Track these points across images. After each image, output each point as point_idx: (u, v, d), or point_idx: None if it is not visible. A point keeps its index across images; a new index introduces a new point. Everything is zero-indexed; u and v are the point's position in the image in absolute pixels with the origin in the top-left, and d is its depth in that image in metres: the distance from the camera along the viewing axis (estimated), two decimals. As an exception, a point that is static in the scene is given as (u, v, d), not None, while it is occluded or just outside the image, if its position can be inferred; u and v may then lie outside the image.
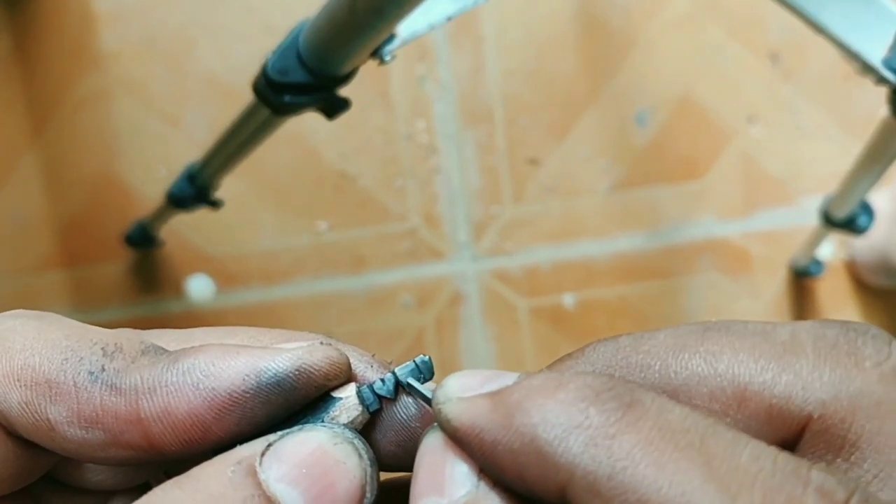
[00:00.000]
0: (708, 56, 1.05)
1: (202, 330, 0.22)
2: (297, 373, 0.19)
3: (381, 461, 0.21)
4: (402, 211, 1.02)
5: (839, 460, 0.17)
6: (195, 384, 0.19)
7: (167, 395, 0.19)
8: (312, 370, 0.19)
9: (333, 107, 0.58)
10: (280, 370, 0.19)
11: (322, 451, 0.18)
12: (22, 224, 0.99)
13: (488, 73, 1.02)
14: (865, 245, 1.02)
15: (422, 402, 0.20)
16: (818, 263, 1.03)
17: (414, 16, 0.51)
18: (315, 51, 0.54)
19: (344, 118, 0.60)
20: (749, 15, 1.04)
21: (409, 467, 0.20)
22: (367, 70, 0.57)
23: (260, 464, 0.18)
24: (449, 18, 0.55)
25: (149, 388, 0.19)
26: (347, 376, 0.20)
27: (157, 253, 1.00)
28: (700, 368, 0.18)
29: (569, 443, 0.16)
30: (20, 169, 0.99)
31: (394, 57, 0.54)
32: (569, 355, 0.19)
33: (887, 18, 0.53)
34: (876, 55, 0.53)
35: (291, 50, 0.56)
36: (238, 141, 0.70)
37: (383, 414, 0.21)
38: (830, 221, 0.88)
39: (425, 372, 0.20)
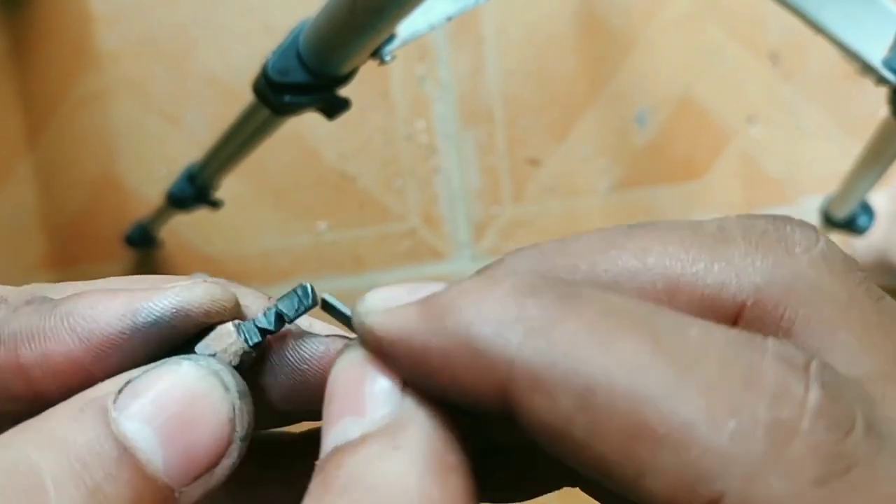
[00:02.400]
0: (708, 56, 1.05)
1: (105, 280, 0.21)
2: (174, 310, 0.19)
3: (278, 408, 0.20)
4: (402, 211, 1.02)
5: None
6: (72, 327, 0.18)
7: (45, 339, 0.18)
8: (191, 307, 0.19)
9: (333, 107, 0.58)
10: (156, 308, 0.19)
11: (182, 384, 0.17)
12: (21, 224, 0.99)
13: (488, 74, 1.02)
14: (865, 245, 1.02)
15: (338, 319, 0.19)
16: (818, 264, 1.02)
17: (414, 16, 0.51)
18: (315, 51, 0.54)
19: (344, 118, 0.60)
20: (749, 15, 1.04)
21: (307, 415, 0.19)
22: (368, 70, 0.57)
23: (115, 401, 0.17)
24: (449, 18, 0.55)
25: (27, 335, 0.18)
26: (234, 314, 0.19)
27: (157, 253, 1.00)
28: (629, 264, 0.17)
29: (506, 336, 0.15)
30: (19, 169, 0.99)
31: (394, 57, 0.54)
32: (486, 266, 0.18)
33: (887, 18, 0.53)
34: (876, 55, 0.53)
35: (291, 50, 0.56)
36: (238, 141, 0.70)
37: (273, 356, 0.20)
38: (830, 222, 0.88)
39: (304, 299, 0.19)
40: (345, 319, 0.19)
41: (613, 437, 0.14)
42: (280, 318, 0.19)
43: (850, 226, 0.85)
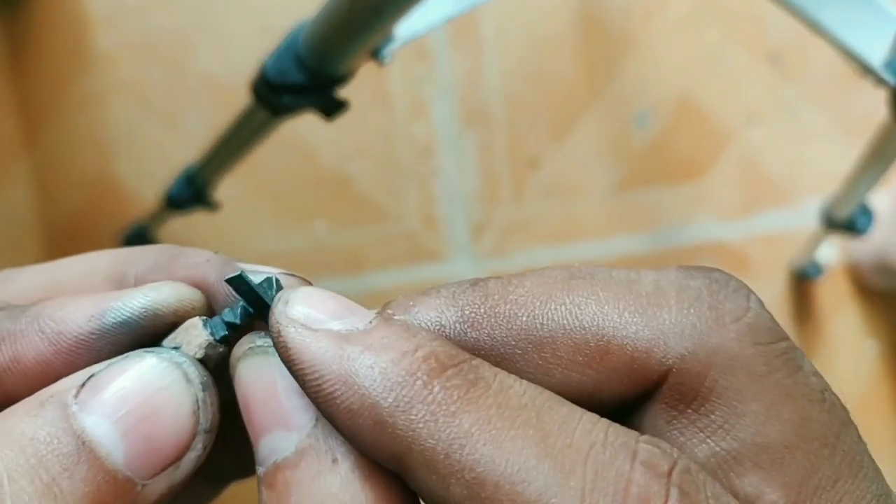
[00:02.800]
0: (708, 57, 1.04)
1: (68, 259, 0.21)
2: (143, 310, 0.19)
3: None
4: (401, 212, 1.01)
5: (690, 410, 0.17)
6: (41, 329, 0.18)
7: (14, 343, 0.18)
8: (159, 307, 0.19)
9: (332, 108, 0.58)
10: (125, 309, 0.19)
11: (143, 377, 0.17)
12: (19, 226, 0.99)
13: (488, 75, 1.02)
14: (865, 247, 1.02)
15: (251, 302, 0.19)
16: (818, 265, 1.02)
17: (413, 17, 0.51)
18: (313, 52, 0.54)
19: (343, 119, 0.60)
20: (749, 16, 1.04)
21: None
22: (367, 71, 0.57)
23: (76, 395, 0.17)
24: (448, 19, 0.55)
25: None
26: (203, 312, 0.20)
27: (156, 254, 1.00)
28: (565, 321, 0.17)
29: (409, 415, 0.16)
30: (17, 171, 0.98)
31: (393, 58, 0.54)
32: (437, 291, 0.19)
33: (887, 20, 0.53)
34: (875, 57, 0.53)
35: (290, 51, 0.56)
36: (236, 142, 0.70)
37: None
38: (830, 223, 0.87)
39: (270, 291, 0.19)
40: (261, 307, 0.18)
41: None
42: (246, 312, 0.19)
43: (851, 227, 0.84)
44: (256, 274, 0.19)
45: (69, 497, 0.16)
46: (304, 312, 0.17)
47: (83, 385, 0.17)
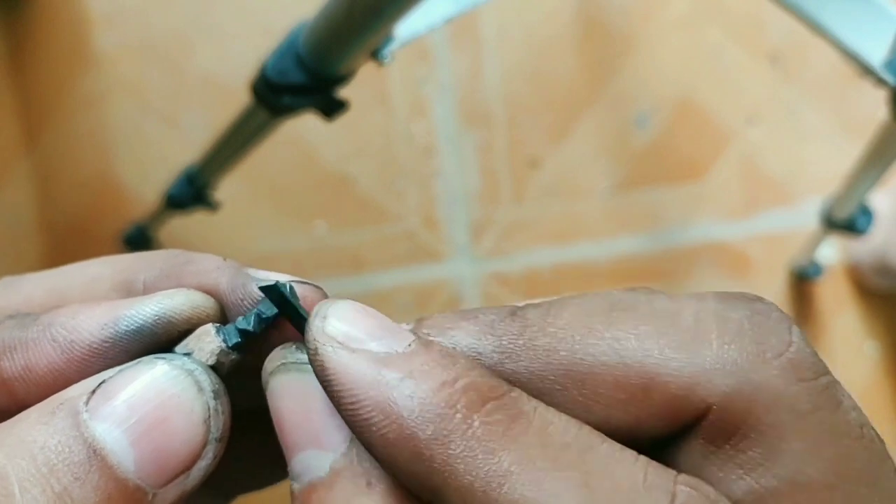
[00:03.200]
0: (708, 57, 1.04)
1: (72, 266, 0.21)
2: (156, 318, 0.18)
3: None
4: (402, 212, 1.01)
5: (728, 446, 0.17)
6: (53, 338, 0.18)
7: (26, 351, 0.18)
8: (173, 314, 0.19)
9: (332, 108, 0.58)
10: (138, 316, 0.18)
11: (154, 384, 0.17)
12: (19, 226, 0.99)
13: (488, 75, 1.02)
14: (865, 247, 1.02)
15: (286, 313, 0.18)
16: (818, 266, 1.02)
17: (413, 17, 0.51)
18: (313, 51, 0.54)
19: (343, 119, 0.60)
20: (749, 16, 1.04)
21: None
22: (367, 71, 0.57)
23: (87, 402, 0.17)
24: (448, 19, 0.55)
25: (9, 347, 0.18)
26: (217, 320, 0.19)
27: (156, 254, 1.00)
28: (606, 356, 0.17)
29: (448, 449, 0.15)
30: (17, 171, 0.98)
31: (393, 58, 0.54)
32: (475, 316, 0.18)
33: (887, 20, 0.53)
34: (875, 57, 0.53)
35: (290, 51, 0.56)
36: (236, 142, 0.70)
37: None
38: (830, 223, 0.87)
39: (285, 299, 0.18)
40: (297, 320, 0.18)
41: None
42: (260, 319, 0.19)
43: (850, 227, 0.84)
44: (268, 281, 0.19)
45: None
46: (343, 330, 0.17)
47: (94, 392, 0.17)
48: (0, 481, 0.16)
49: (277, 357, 0.18)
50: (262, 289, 0.18)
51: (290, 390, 0.18)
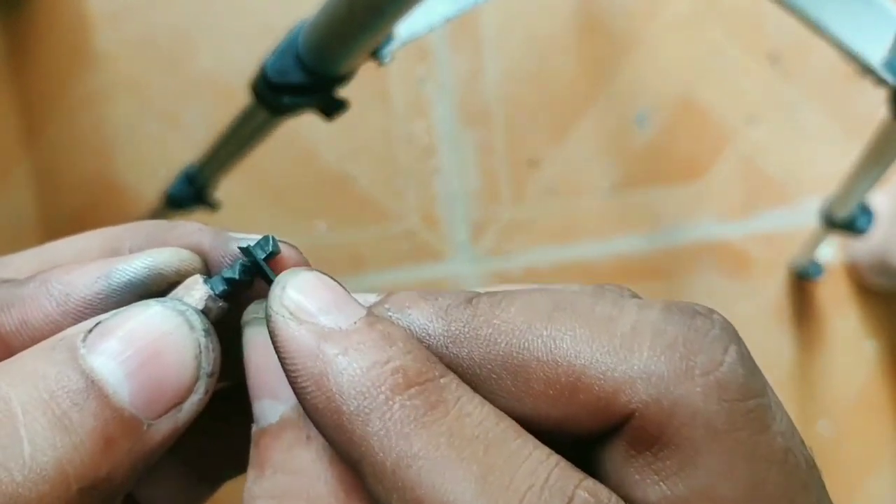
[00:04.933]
0: (708, 57, 1.04)
1: (61, 241, 0.22)
2: (147, 271, 0.20)
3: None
4: (402, 212, 1.01)
5: (648, 452, 0.17)
6: (49, 293, 0.19)
7: (23, 306, 0.19)
8: (162, 268, 0.20)
9: (332, 108, 0.58)
10: (130, 269, 0.20)
11: (148, 322, 0.18)
12: (20, 225, 0.99)
13: (488, 74, 1.02)
14: (865, 247, 1.02)
15: (264, 281, 0.20)
16: (818, 265, 1.02)
17: (413, 17, 0.51)
18: (314, 51, 0.54)
19: (343, 119, 0.60)
20: (749, 16, 1.04)
21: None
22: (367, 71, 0.57)
23: (84, 339, 0.18)
24: (448, 19, 0.55)
25: (5, 304, 0.19)
26: (202, 273, 0.20)
27: (156, 254, 1.00)
28: (540, 353, 0.18)
29: (366, 426, 0.17)
30: (17, 170, 0.98)
31: (393, 58, 0.54)
32: (435, 298, 0.19)
33: (887, 19, 0.53)
34: (875, 56, 0.53)
35: (290, 50, 0.56)
36: (236, 142, 0.70)
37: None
38: (830, 223, 0.88)
39: (266, 246, 0.20)
40: (249, 271, 0.20)
41: None
42: (245, 268, 0.20)
43: (850, 227, 0.84)
44: (249, 240, 0.20)
45: (79, 429, 0.17)
46: (297, 301, 0.18)
47: (91, 330, 0.18)
48: (2, 404, 0.17)
49: (252, 310, 0.20)
50: (242, 249, 0.20)
51: (256, 343, 0.19)
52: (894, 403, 1.06)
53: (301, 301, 0.18)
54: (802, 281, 1.05)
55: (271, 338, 0.18)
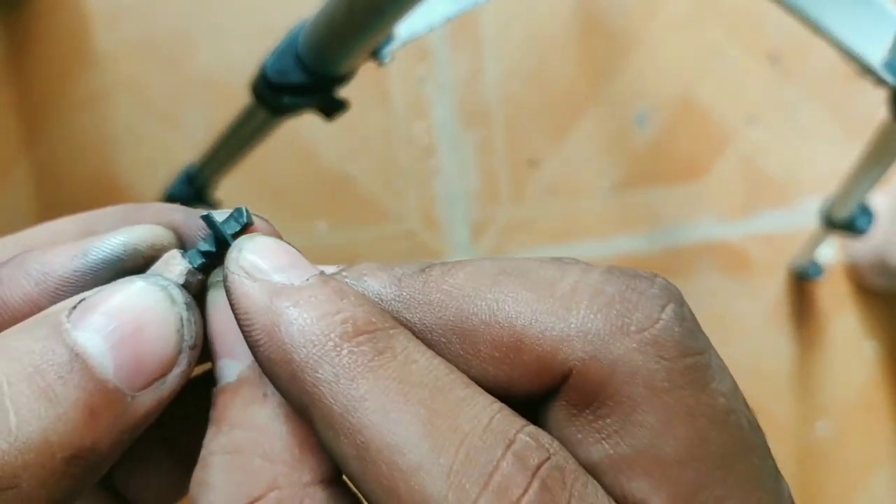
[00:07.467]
0: (708, 56, 1.04)
1: (35, 228, 0.23)
2: (123, 247, 0.20)
3: None
4: (402, 212, 1.01)
5: (588, 411, 0.18)
6: (27, 272, 0.20)
7: (1, 287, 0.20)
8: (138, 243, 0.20)
9: (332, 108, 0.58)
10: (106, 246, 0.20)
11: (131, 298, 0.19)
12: (19, 225, 0.99)
13: (488, 75, 1.02)
14: (865, 247, 1.02)
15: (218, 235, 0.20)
16: (818, 265, 1.02)
17: (413, 17, 0.51)
18: (313, 51, 0.54)
19: (343, 119, 0.60)
20: (749, 16, 1.04)
21: None
22: (367, 71, 0.57)
23: (68, 315, 0.18)
24: (448, 19, 0.55)
25: None
26: (179, 247, 0.21)
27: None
28: (485, 316, 0.18)
29: (316, 373, 0.17)
30: (17, 170, 0.98)
31: (393, 58, 0.54)
32: (391, 268, 0.20)
33: (887, 20, 0.53)
34: (875, 57, 0.53)
35: (290, 50, 0.56)
36: (236, 142, 0.70)
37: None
38: (830, 223, 0.88)
39: (239, 219, 0.20)
40: (223, 244, 0.20)
41: (374, 486, 0.16)
42: (220, 241, 0.20)
43: (850, 227, 0.84)
44: (223, 213, 0.21)
45: (63, 401, 0.17)
46: (252, 261, 0.19)
47: (75, 307, 0.18)
48: None
49: (215, 275, 0.20)
50: (205, 219, 0.20)
51: (217, 305, 0.20)
52: (894, 403, 1.06)
53: (256, 261, 0.19)
54: (802, 281, 1.05)
55: (228, 297, 0.19)
